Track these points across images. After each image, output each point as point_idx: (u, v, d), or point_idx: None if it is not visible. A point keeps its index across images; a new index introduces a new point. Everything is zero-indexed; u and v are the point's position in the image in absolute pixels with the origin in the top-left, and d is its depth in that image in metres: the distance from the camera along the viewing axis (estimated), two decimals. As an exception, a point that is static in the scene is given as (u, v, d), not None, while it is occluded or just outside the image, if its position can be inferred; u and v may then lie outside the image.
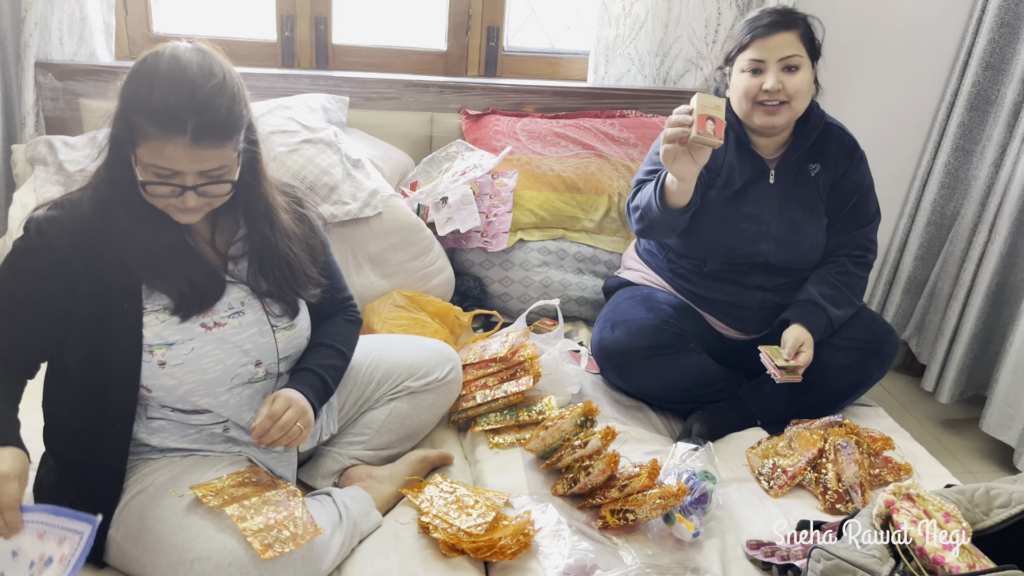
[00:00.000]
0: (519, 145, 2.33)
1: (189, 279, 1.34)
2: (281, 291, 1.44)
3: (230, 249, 1.43)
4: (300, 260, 1.47)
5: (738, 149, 1.91)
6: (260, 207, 1.41)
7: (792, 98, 1.81)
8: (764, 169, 1.91)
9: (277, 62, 2.43)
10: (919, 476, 1.71)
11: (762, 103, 1.82)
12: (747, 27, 1.84)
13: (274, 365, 1.45)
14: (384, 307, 2.00)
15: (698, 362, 1.88)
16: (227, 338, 1.38)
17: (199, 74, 1.24)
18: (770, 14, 1.83)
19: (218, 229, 1.43)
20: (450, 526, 1.44)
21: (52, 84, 2.16)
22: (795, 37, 1.80)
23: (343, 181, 2.05)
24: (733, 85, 1.87)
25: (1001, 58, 2.47)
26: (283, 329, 1.45)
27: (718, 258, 1.91)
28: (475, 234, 2.22)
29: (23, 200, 2.00)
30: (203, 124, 1.22)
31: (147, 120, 1.21)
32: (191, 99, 1.22)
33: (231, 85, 1.28)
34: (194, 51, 1.27)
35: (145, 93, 1.22)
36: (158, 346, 1.32)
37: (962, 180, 2.63)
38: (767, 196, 1.90)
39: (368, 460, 1.63)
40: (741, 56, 1.84)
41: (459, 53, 2.51)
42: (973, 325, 2.53)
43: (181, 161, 1.23)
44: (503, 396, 1.77)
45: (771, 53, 1.80)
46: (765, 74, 1.81)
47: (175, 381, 1.35)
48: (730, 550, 1.50)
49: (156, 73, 1.23)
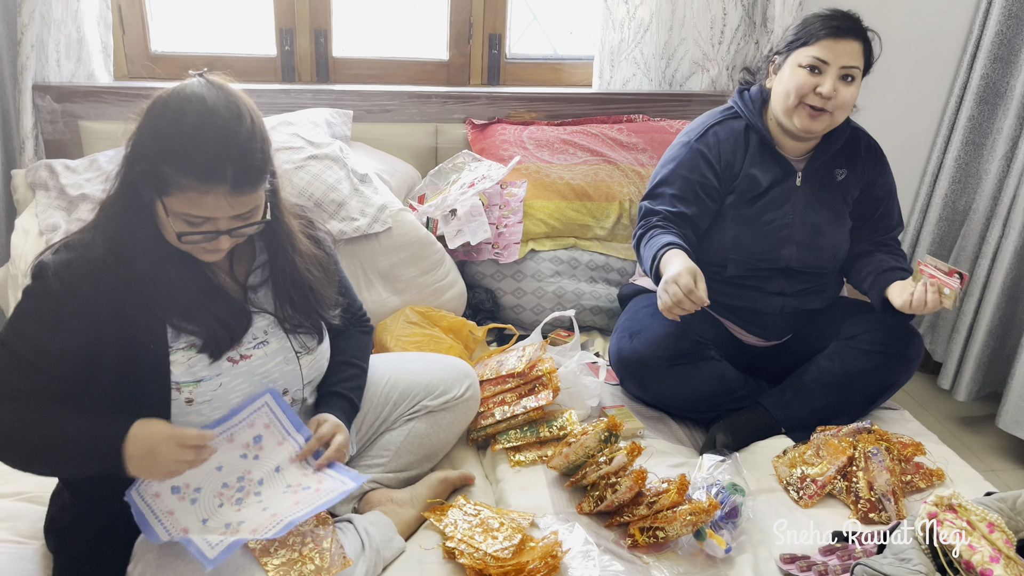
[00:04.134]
0: (527, 154, 2.30)
1: (216, 317, 1.31)
2: (308, 316, 1.42)
3: (249, 278, 1.41)
4: (321, 283, 1.45)
5: (761, 153, 1.87)
6: (283, 235, 1.39)
7: (838, 108, 1.77)
8: (791, 171, 1.87)
9: (278, 77, 2.40)
10: (952, 481, 1.68)
11: (809, 104, 1.77)
12: (821, 23, 1.76)
13: (299, 391, 1.43)
14: (397, 324, 1.97)
15: (719, 370, 1.85)
16: (254, 370, 1.35)
17: (230, 119, 1.19)
18: (844, 18, 1.76)
19: (236, 258, 1.40)
20: (476, 550, 1.40)
21: (51, 107, 2.12)
22: (860, 49, 1.76)
23: (351, 197, 2.02)
24: (783, 77, 1.80)
25: (1009, 50, 2.45)
26: (306, 355, 1.43)
27: (739, 263, 1.88)
28: (486, 246, 2.19)
29: (25, 226, 1.96)
30: (242, 171, 1.19)
31: (182, 171, 1.17)
32: (227, 148, 1.18)
33: (259, 126, 1.24)
34: (215, 90, 1.21)
35: (176, 143, 1.17)
36: (186, 384, 1.28)
37: (973, 174, 2.60)
38: (793, 199, 1.87)
39: (388, 483, 1.59)
40: (804, 50, 1.76)
41: (461, 62, 2.48)
42: (989, 321, 2.50)
43: (220, 209, 1.20)
44: (523, 412, 1.74)
45: (837, 57, 1.73)
46: (823, 76, 1.75)
47: (203, 418, 1.31)
48: (763, 565, 1.47)
49: (184, 120, 1.17)
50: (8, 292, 1.95)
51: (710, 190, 1.86)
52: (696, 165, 1.86)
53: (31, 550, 1.41)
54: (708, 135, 1.89)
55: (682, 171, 1.87)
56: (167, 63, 2.33)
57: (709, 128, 1.90)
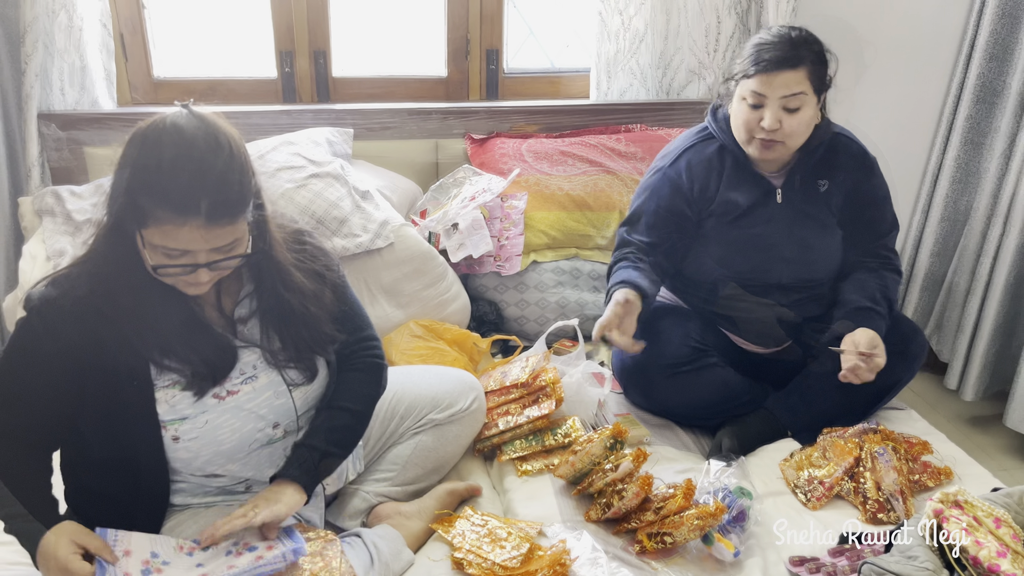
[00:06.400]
0: (526, 166, 2.31)
1: (200, 355, 1.29)
2: (299, 352, 1.38)
3: (236, 310, 1.38)
4: (316, 319, 1.39)
5: (737, 174, 1.85)
6: (271, 268, 1.35)
7: (788, 138, 1.74)
8: (770, 189, 1.85)
9: (278, 98, 2.42)
10: (960, 479, 1.68)
11: (759, 137, 1.76)
12: (753, 55, 1.72)
13: (293, 424, 1.40)
14: (401, 338, 1.98)
15: (722, 376, 1.85)
16: (241, 405, 1.33)
17: (207, 150, 1.17)
18: (778, 46, 1.70)
19: (223, 290, 1.36)
20: (484, 560, 1.41)
21: (56, 134, 2.16)
22: (802, 75, 1.70)
23: (353, 213, 2.04)
24: (734, 110, 1.79)
25: (1004, 48, 2.45)
26: (301, 387, 1.40)
27: (728, 282, 1.87)
28: (488, 258, 2.20)
29: (33, 252, 1.99)
30: (217, 203, 1.16)
31: (158, 204, 1.15)
32: (203, 180, 1.16)
33: (239, 156, 1.21)
34: (196, 120, 1.19)
35: (153, 175, 1.16)
36: (171, 421, 1.28)
37: (973, 173, 2.60)
38: (776, 217, 1.84)
39: (395, 496, 1.60)
40: (745, 83, 1.74)
41: (460, 78, 2.50)
42: (993, 320, 2.49)
43: (195, 242, 1.18)
44: (526, 421, 1.74)
45: (773, 90, 1.70)
46: (765, 109, 1.72)
47: (191, 454, 1.31)
48: (772, 568, 1.47)
49: (162, 152, 1.16)
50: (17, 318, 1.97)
51: (682, 219, 1.86)
52: (666, 193, 1.86)
53: (42, 572, 1.41)
54: (680, 161, 1.88)
55: (654, 200, 1.87)
56: (169, 88, 2.36)
57: (681, 154, 1.88)
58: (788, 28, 1.75)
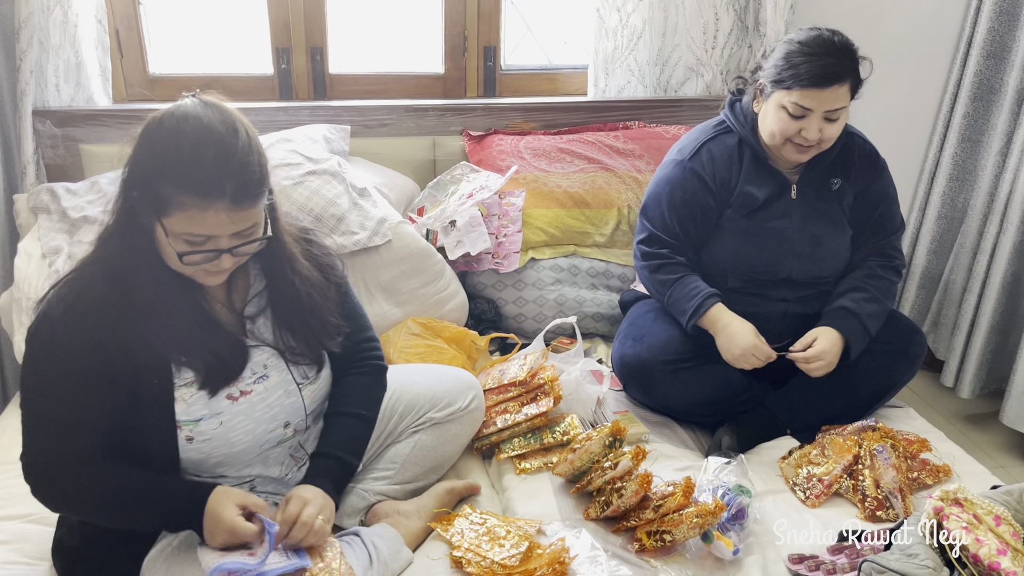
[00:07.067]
0: (524, 163, 2.31)
1: (212, 351, 1.29)
2: (308, 344, 1.40)
3: (246, 308, 1.39)
4: (323, 309, 1.42)
5: (755, 168, 1.86)
6: (282, 255, 1.36)
7: (825, 143, 1.76)
8: (786, 184, 1.86)
9: (275, 95, 2.41)
10: (959, 477, 1.68)
11: (795, 142, 1.76)
12: (805, 68, 1.67)
13: (302, 422, 1.42)
14: (400, 336, 1.98)
15: (722, 373, 1.85)
16: (254, 406, 1.34)
17: (226, 134, 1.19)
18: (829, 61, 1.66)
19: (233, 288, 1.38)
20: (483, 559, 1.40)
21: (51, 131, 2.14)
22: (846, 88, 1.69)
23: (350, 211, 2.03)
24: (767, 113, 1.77)
25: (1002, 46, 2.46)
26: (308, 385, 1.42)
27: (740, 275, 1.88)
28: (486, 256, 2.19)
29: (28, 250, 1.97)
30: (241, 185, 1.18)
31: (181, 189, 1.16)
32: (226, 162, 1.17)
33: (255, 140, 1.23)
34: (209, 108, 1.21)
35: (174, 162, 1.16)
36: (186, 422, 1.28)
37: (970, 171, 2.61)
38: (790, 212, 1.86)
39: (394, 495, 1.59)
40: (787, 95, 1.71)
41: (457, 75, 2.50)
42: (990, 318, 2.50)
43: (221, 225, 1.19)
44: (524, 419, 1.74)
45: (820, 105, 1.69)
46: (807, 120, 1.71)
47: (203, 456, 1.31)
48: (772, 566, 1.46)
49: (182, 139, 1.16)
50: (12, 316, 1.96)
51: (708, 211, 1.87)
52: (691, 186, 1.86)
53: (39, 572, 1.41)
54: (701, 152, 1.87)
55: (678, 193, 1.86)
56: (165, 85, 2.35)
57: (702, 145, 1.88)
58: (829, 33, 1.72)
